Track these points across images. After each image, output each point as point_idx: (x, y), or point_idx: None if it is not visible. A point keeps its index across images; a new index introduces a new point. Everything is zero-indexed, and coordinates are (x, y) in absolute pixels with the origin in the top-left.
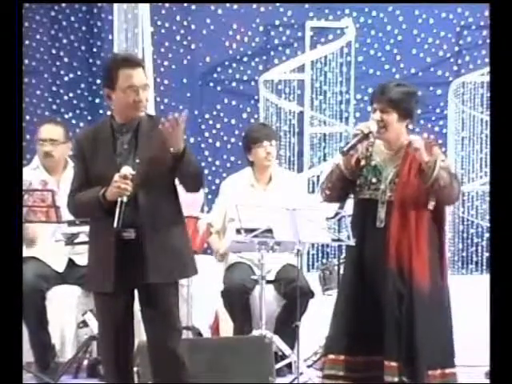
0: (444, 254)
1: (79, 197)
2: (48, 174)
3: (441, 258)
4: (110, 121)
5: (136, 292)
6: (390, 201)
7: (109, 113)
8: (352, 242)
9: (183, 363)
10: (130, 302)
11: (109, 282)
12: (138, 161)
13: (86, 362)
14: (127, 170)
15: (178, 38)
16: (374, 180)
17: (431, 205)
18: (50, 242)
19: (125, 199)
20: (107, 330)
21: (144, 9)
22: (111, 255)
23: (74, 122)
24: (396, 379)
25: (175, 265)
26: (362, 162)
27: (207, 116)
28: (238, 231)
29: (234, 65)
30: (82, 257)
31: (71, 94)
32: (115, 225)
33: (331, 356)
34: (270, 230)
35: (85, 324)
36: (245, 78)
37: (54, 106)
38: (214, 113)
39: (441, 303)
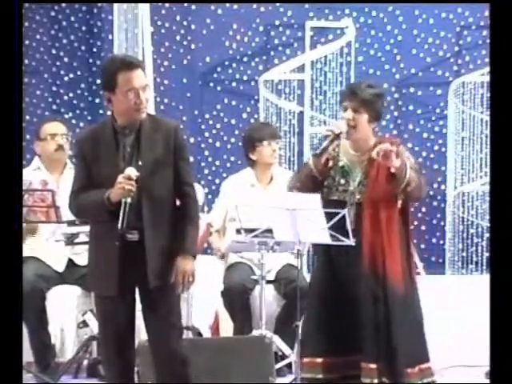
0: (411, 252)
1: (82, 198)
2: (49, 174)
3: (408, 256)
4: (112, 122)
5: (137, 292)
6: (358, 202)
7: (109, 113)
8: (352, 242)
9: (186, 362)
10: (132, 302)
11: (112, 284)
12: (140, 163)
13: (86, 362)
14: (131, 170)
15: (178, 38)
16: (342, 181)
17: (399, 203)
18: (50, 242)
19: (129, 200)
20: (108, 332)
21: (144, 9)
22: (115, 257)
23: (74, 122)
24: (375, 381)
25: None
26: (330, 163)
27: (207, 116)
28: (238, 231)
29: (234, 65)
30: (81, 257)
31: (71, 94)
32: (120, 226)
33: (307, 359)
34: (269, 230)
35: (85, 324)
36: (245, 78)
37: (54, 106)
38: (214, 113)
39: (413, 300)
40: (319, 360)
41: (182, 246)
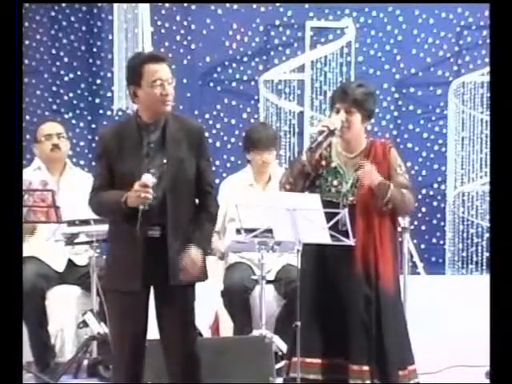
0: (397, 255)
1: (101, 196)
2: (49, 174)
3: (396, 259)
4: (136, 119)
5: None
6: (351, 204)
7: (109, 113)
8: (352, 242)
9: (199, 363)
10: (148, 299)
11: (136, 280)
12: (165, 161)
13: (86, 362)
14: (148, 178)
15: (178, 38)
16: (334, 182)
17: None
18: (50, 242)
19: (146, 207)
20: (125, 329)
21: (144, 9)
22: (138, 253)
23: (73, 122)
24: (368, 381)
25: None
26: (323, 162)
27: (207, 116)
28: (238, 231)
29: (234, 65)
30: (81, 257)
31: (71, 94)
32: (138, 231)
33: (295, 359)
34: (270, 230)
35: (85, 324)
36: (245, 78)
37: (54, 106)
38: (214, 113)
39: (400, 301)
40: (309, 360)
41: (197, 239)
